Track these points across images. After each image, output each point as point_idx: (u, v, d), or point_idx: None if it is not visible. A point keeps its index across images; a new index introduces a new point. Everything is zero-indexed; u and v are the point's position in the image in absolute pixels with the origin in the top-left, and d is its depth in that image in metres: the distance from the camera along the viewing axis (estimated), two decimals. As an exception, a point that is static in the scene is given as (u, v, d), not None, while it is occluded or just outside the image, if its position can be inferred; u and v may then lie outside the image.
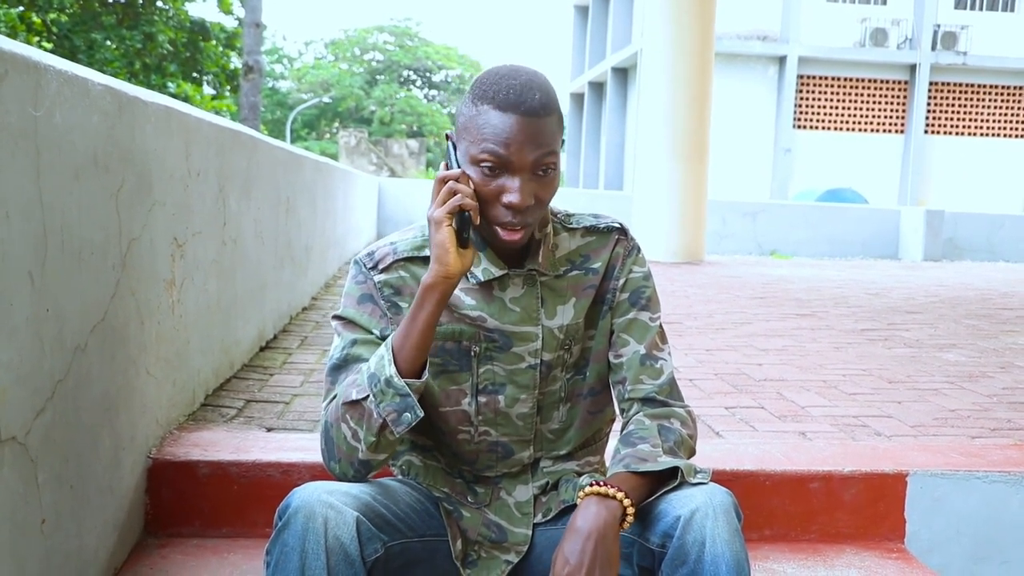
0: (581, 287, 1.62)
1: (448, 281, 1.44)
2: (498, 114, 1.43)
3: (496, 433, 1.62)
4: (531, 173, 1.44)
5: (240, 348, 3.32)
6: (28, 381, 1.45)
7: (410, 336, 1.45)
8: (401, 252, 1.58)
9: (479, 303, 1.57)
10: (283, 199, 4.21)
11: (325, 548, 1.35)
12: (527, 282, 1.58)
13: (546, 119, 1.44)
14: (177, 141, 2.33)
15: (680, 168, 9.57)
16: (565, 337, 1.61)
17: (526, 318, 1.58)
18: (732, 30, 23.28)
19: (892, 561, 2.23)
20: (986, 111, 24.99)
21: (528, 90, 1.44)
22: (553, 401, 1.64)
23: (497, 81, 1.46)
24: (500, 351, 1.58)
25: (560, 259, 1.62)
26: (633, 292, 1.65)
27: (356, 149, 34.26)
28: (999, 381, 3.70)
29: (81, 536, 1.71)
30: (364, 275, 1.58)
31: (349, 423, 1.47)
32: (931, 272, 10.11)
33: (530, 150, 1.43)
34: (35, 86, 1.46)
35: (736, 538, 1.40)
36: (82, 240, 1.66)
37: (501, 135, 1.42)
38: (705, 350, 4.20)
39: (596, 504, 1.41)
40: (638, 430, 1.57)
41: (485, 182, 1.44)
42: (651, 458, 1.50)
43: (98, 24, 21.40)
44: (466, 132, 1.47)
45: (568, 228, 1.64)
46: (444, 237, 1.42)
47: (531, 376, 1.60)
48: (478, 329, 1.57)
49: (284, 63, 53.59)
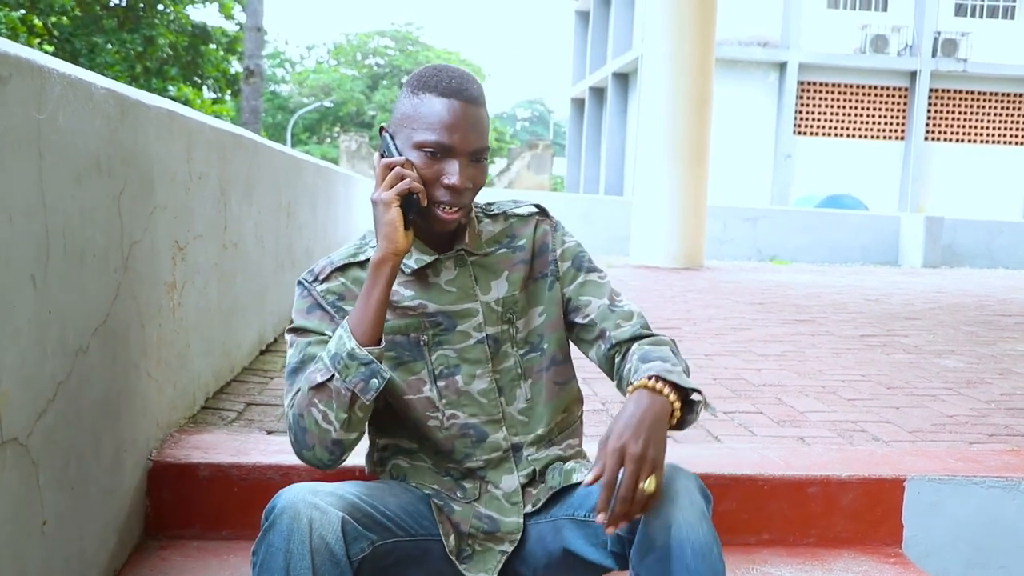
0: (511, 263, 1.71)
1: (396, 257, 1.52)
2: (440, 100, 1.54)
3: (464, 415, 1.66)
4: (468, 158, 1.55)
5: (240, 351, 3.33)
6: (30, 383, 1.46)
7: (366, 312, 1.52)
8: (337, 261, 1.67)
9: (417, 292, 1.65)
10: (284, 203, 4.22)
11: (310, 548, 1.37)
12: (458, 263, 1.67)
13: (482, 109, 1.57)
14: (179, 145, 2.34)
15: (680, 173, 9.58)
16: (504, 310, 1.69)
17: (463, 296, 1.66)
18: (733, 36, 23.31)
19: (889, 566, 2.23)
20: (986, 118, 25.01)
21: (467, 80, 1.58)
22: (511, 379, 1.69)
23: (436, 73, 1.57)
24: (446, 332, 1.66)
25: (487, 241, 1.71)
26: (575, 258, 1.75)
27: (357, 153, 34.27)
28: (997, 387, 3.71)
29: (82, 538, 1.72)
30: (307, 289, 1.66)
31: (318, 406, 1.51)
32: (930, 279, 10.12)
33: (470, 136, 1.54)
34: (39, 89, 1.47)
35: (703, 521, 1.42)
36: (84, 243, 1.67)
37: (445, 119, 1.53)
38: (704, 355, 4.20)
39: (648, 396, 1.44)
40: (652, 349, 1.61)
41: (427, 165, 1.54)
42: (676, 373, 1.52)
43: (99, 27, 21.43)
44: (408, 120, 1.56)
45: (490, 215, 1.76)
46: (394, 216, 1.51)
47: (481, 350, 1.67)
48: (422, 318, 1.65)
49: (285, 67, 53.64)
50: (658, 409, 1.43)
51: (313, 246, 5.40)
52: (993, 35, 24.71)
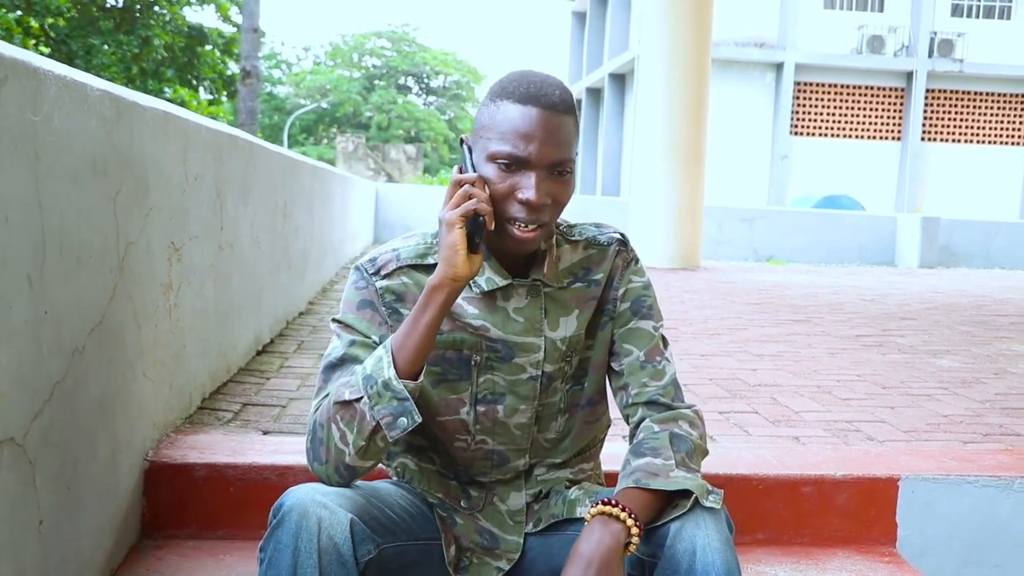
0: (584, 299, 1.62)
1: (455, 284, 1.43)
2: (517, 108, 1.43)
3: (493, 442, 1.62)
4: (547, 171, 1.45)
5: (237, 352, 3.33)
6: (26, 383, 1.46)
7: (411, 338, 1.44)
8: (404, 259, 1.57)
9: (482, 312, 1.56)
10: (280, 204, 4.22)
11: (318, 547, 1.35)
12: (531, 293, 1.57)
13: (564, 117, 1.46)
14: (175, 146, 2.35)
15: (677, 174, 9.59)
16: (567, 349, 1.61)
17: (529, 329, 1.57)
18: (729, 37, 23.32)
19: (884, 565, 2.24)
20: (982, 119, 25.04)
21: (548, 86, 1.46)
22: (552, 412, 1.64)
23: (517, 79, 1.47)
24: (501, 361, 1.58)
25: (563, 271, 1.61)
26: (634, 301, 1.65)
27: (354, 154, 34.29)
28: (992, 387, 3.72)
29: (78, 538, 1.72)
30: (366, 281, 1.57)
31: (339, 424, 1.45)
32: (926, 279, 10.13)
33: (548, 147, 1.43)
34: (34, 91, 1.47)
35: (727, 547, 1.40)
36: (80, 244, 1.67)
37: (521, 128, 1.43)
38: (700, 355, 4.21)
39: (600, 529, 1.39)
40: (648, 439, 1.55)
41: (501, 179, 1.44)
42: (663, 472, 1.47)
43: (96, 29, 21.41)
44: (484, 130, 1.47)
45: (570, 240, 1.64)
46: (456, 239, 1.41)
47: (532, 387, 1.60)
48: (480, 338, 1.56)
49: (282, 68, 53.62)
50: (611, 544, 1.38)
51: (309, 247, 5.41)
52: (989, 35, 24.73)
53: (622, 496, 1.45)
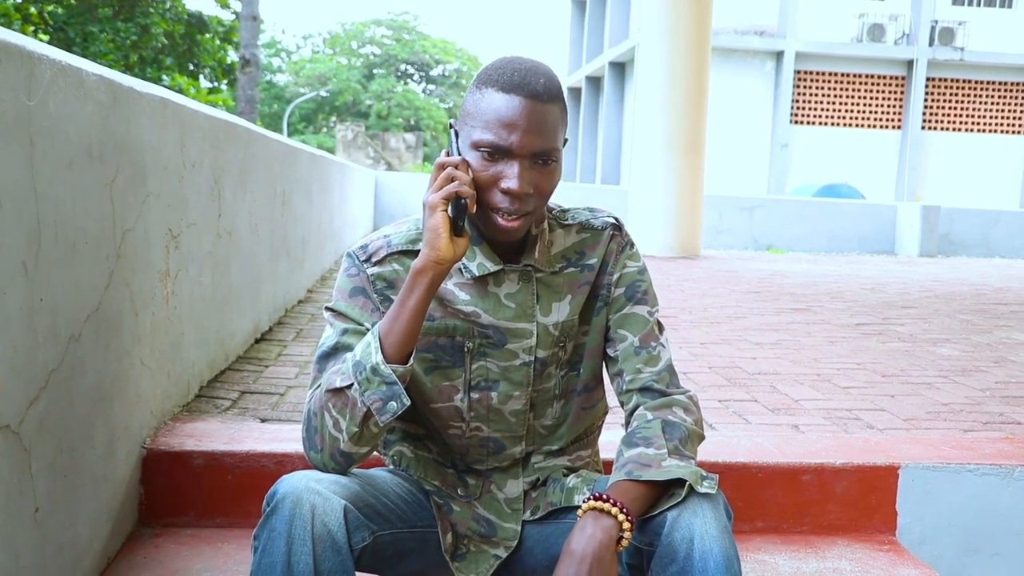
0: (576, 284, 1.61)
1: (439, 267, 1.41)
2: (501, 96, 1.41)
3: (488, 429, 1.61)
4: (530, 161, 1.43)
5: (235, 340, 3.32)
6: (22, 370, 1.45)
7: (398, 322, 1.43)
8: (395, 245, 1.56)
9: (473, 298, 1.55)
10: (279, 192, 4.21)
11: (312, 534, 1.34)
12: (523, 278, 1.56)
13: (549, 105, 1.43)
14: (172, 132, 2.33)
15: (677, 163, 9.58)
16: (560, 334, 1.59)
17: (521, 315, 1.56)
18: (729, 25, 23.27)
19: (883, 553, 2.24)
20: (983, 107, 25.00)
21: (533, 74, 1.43)
22: (547, 398, 1.63)
23: (503, 65, 1.45)
24: (494, 347, 1.57)
25: (555, 256, 1.60)
26: (629, 287, 1.63)
27: (353, 143, 34.24)
28: (992, 375, 3.71)
29: (75, 525, 1.71)
30: (357, 267, 1.56)
31: (332, 412, 1.45)
32: (926, 268, 10.12)
33: (531, 137, 1.41)
34: (29, 75, 1.46)
35: (725, 535, 1.39)
36: (76, 230, 1.66)
37: (504, 117, 1.41)
38: (699, 344, 4.20)
39: (592, 524, 1.38)
40: (640, 428, 1.53)
41: (484, 167, 1.42)
42: (655, 463, 1.45)
43: (94, 16, 21.35)
44: (469, 117, 1.45)
45: (563, 224, 1.62)
46: (438, 222, 1.39)
47: (525, 373, 1.59)
48: (472, 325, 1.55)
49: (282, 57, 53.55)
50: (602, 539, 1.36)
51: (308, 235, 5.40)
52: (990, 24, 24.68)
53: (614, 489, 1.43)
